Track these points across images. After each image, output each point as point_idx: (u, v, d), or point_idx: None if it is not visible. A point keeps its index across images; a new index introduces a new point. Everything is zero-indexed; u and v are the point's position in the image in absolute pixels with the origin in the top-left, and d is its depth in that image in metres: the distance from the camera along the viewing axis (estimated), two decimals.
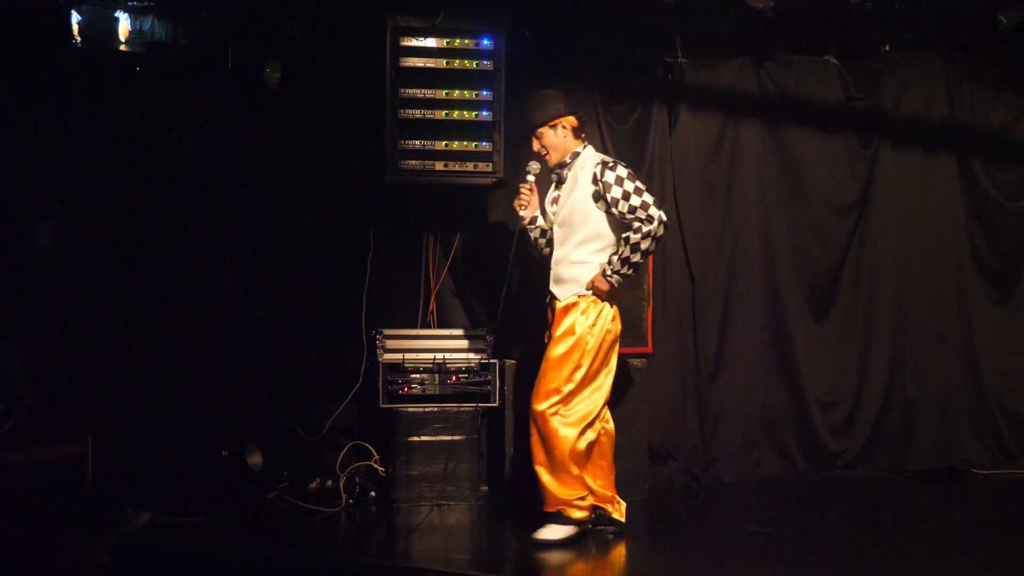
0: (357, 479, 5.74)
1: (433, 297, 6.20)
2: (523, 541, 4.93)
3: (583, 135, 5.14)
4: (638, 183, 4.92)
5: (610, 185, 4.89)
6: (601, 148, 6.38)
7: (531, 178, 5.12)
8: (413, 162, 5.82)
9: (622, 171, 4.93)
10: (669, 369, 6.37)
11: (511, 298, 5.94)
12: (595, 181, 4.92)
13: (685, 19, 6.24)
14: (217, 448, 5.64)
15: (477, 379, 5.78)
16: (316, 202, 6.20)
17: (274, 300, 6.12)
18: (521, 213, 5.12)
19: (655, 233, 4.85)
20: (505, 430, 5.75)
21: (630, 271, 4.92)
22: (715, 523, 5.69)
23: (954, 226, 6.75)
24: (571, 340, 4.91)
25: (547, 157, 5.08)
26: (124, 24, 6.16)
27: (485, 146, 5.93)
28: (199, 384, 5.82)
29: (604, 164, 4.95)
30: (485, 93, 5.92)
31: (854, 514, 5.86)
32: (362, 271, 6.11)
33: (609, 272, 4.90)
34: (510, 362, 5.80)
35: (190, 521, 5.18)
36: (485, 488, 5.85)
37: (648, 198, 4.88)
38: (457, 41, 5.90)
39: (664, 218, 4.91)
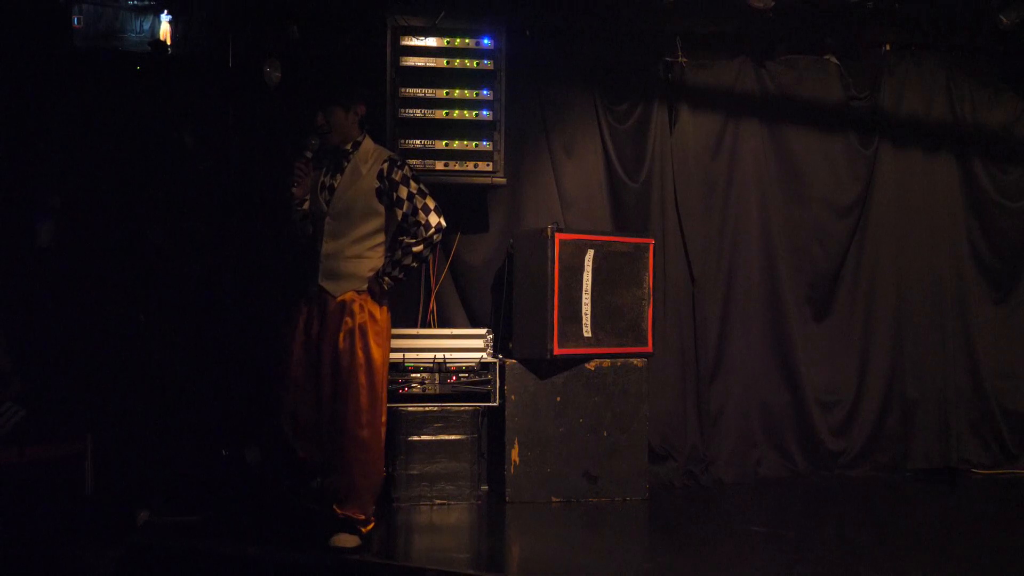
0: None
1: (433, 296, 6.20)
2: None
3: (365, 126, 4.97)
4: (422, 185, 4.86)
5: (397, 184, 4.80)
6: (601, 148, 6.40)
7: (308, 155, 4.89)
8: (413, 161, 5.81)
9: (408, 171, 4.85)
10: (669, 369, 6.37)
11: (511, 297, 5.96)
12: (381, 177, 4.80)
13: (685, 19, 6.25)
14: (217, 447, 5.64)
15: (477, 379, 5.78)
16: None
17: (274, 299, 6.11)
18: (293, 191, 4.89)
19: (433, 240, 4.80)
20: (505, 430, 5.74)
21: (403, 276, 4.82)
22: (715, 523, 5.68)
23: (954, 226, 6.75)
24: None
25: (328, 136, 4.86)
26: (165, 26, 6.19)
27: (485, 145, 5.93)
28: (199, 383, 5.82)
29: (392, 161, 4.85)
30: (485, 92, 5.92)
31: (854, 514, 5.86)
32: None
33: (383, 275, 4.79)
34: (510, 362, 5.80)
35: (190, 520, 5.18)
36: (485, 488, 5.86)
37: (431, 202, 4.81)
38: (458, 40, 5.90)
39: (443, 225, 4.82)
